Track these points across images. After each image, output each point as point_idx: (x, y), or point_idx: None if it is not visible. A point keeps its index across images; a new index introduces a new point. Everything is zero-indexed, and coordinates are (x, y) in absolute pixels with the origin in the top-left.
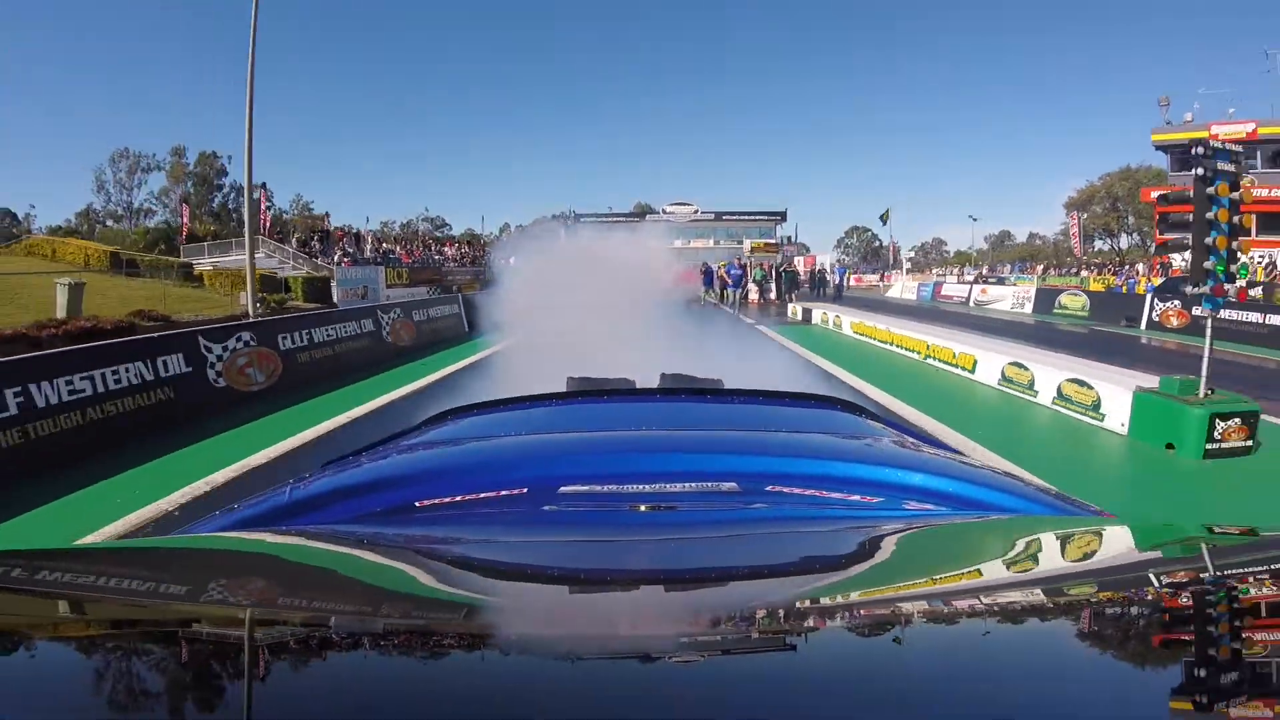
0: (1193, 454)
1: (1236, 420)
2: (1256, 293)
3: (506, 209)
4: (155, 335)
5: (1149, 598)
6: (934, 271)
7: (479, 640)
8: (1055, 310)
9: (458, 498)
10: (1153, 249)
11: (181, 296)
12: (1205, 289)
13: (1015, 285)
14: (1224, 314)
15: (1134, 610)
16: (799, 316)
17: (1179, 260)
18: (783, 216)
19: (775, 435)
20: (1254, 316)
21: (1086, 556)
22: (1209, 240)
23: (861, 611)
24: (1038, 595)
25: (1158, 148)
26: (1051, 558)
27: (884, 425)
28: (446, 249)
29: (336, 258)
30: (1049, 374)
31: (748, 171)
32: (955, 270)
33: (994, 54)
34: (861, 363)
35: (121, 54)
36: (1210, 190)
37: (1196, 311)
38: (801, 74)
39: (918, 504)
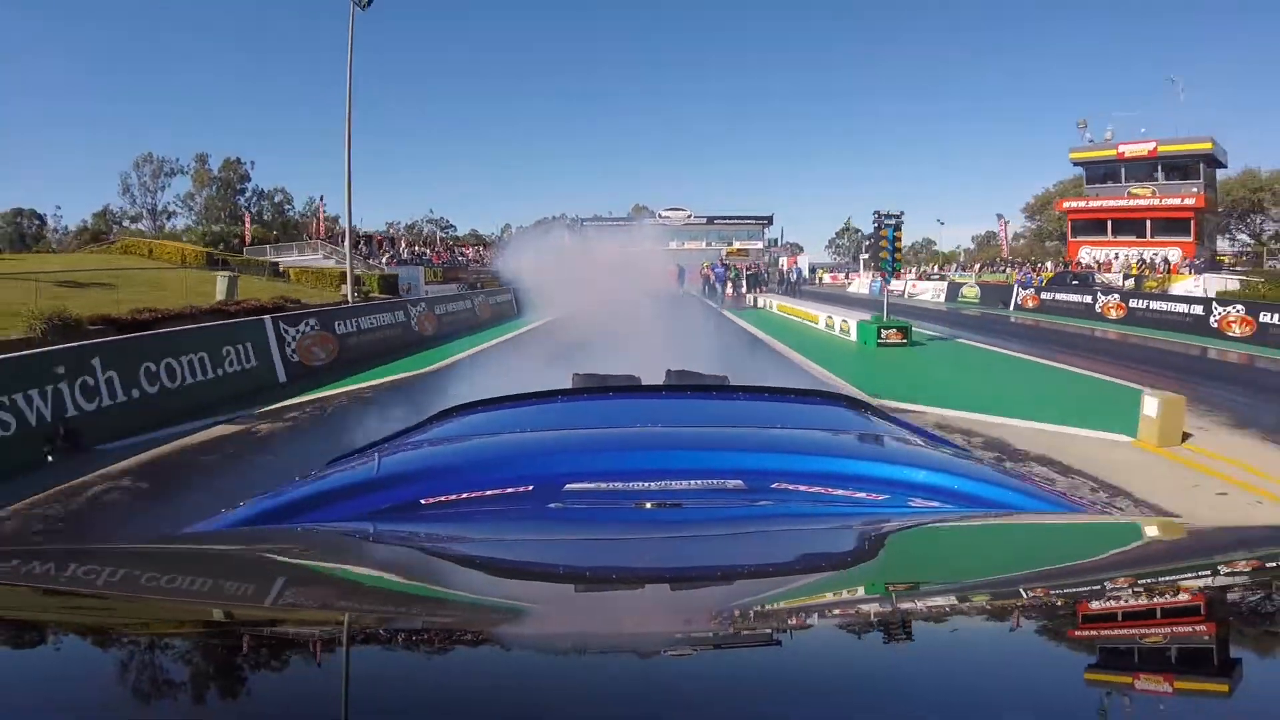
0: (872, 345)
1: (894, 330)
2: (1130, 283)
3: (506, 210)
4: (389, 300)
5: (1150, 594)
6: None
7: (485, 637)
8: (958, 298)
9: (463, 495)
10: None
11: (287, 290)
12: (881, 274)
13: (939, 281)
14: (1060, 296)
15: (1136, 607)
16: (752, 303)
17: (1085, 259)
18: (769, 220)
19: (780, 432)
20: (1074, 297)
21: (1089, 554)
22: (881, 254)
23: (866, 609)
24: (1043, 593)
25: (1075, 164)
26: (1055, 555)
27: (888, 422)
28: (467, 251)
29: (385, 259)
30: (838, 319)
31: (747, 172)
32: (911, 269)
33: (996, 57)
34: (766, 324)
35: (129, 58)
36: (885, 232)
37: (1045, 296)
38: (798, 77)
39: (922, 501)
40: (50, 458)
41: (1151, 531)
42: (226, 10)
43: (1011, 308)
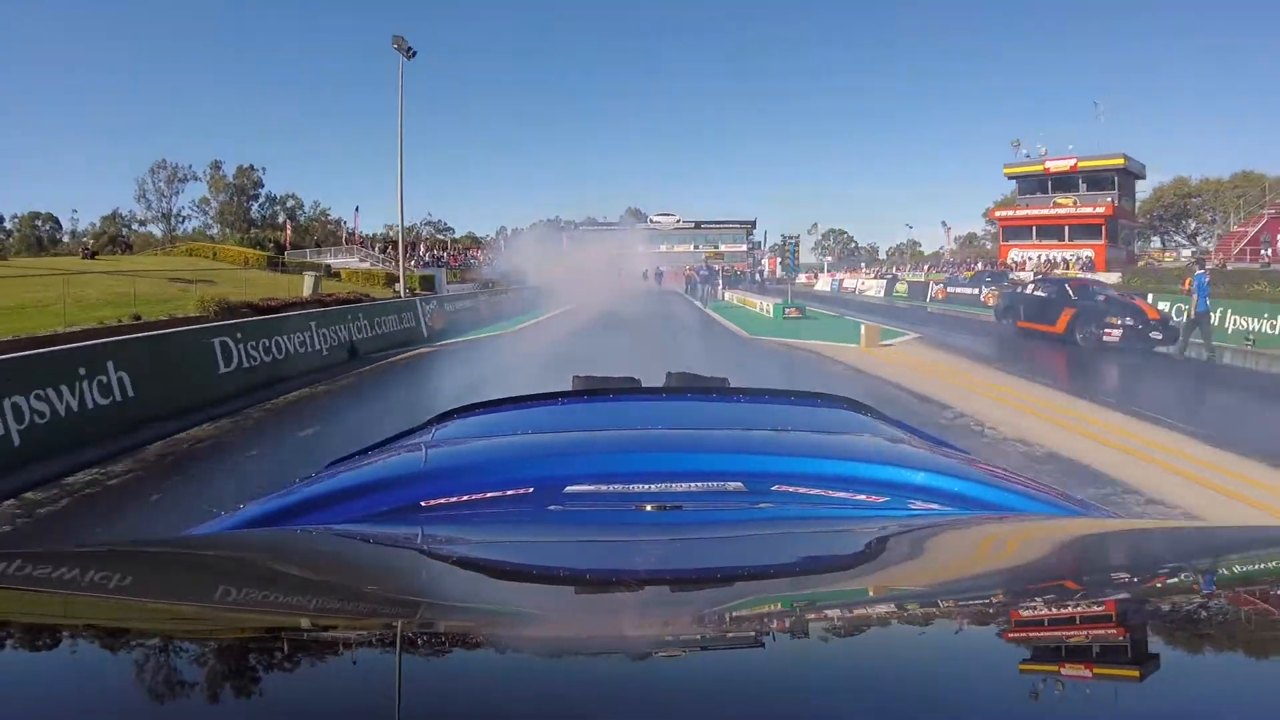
0: (779, 318)
1: (794, 309)
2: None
3: (502, 210)
4: (466, 293)
5: (1153, 597)
6: (863, 270)
7: (484, 641)
8: (893, 293)
9: (463, 497)
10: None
11: (347, 287)
12: (789, 272)
13: (884, 280)
14: (959, 289)
15: (1137, 609)
16: (721, 298)
17: (1015, 259)
18: (753, 224)
19: (781, 434)
20: (968, 289)
21: (1090, 556)
22: (788, 259)
23: (868, 612)
24: (1043, 595)
25: (1009, 178)
26: (1055, 558)
27: (889, 424)
28: (477, 254)
29: (412, 263)
30: (767, 304)
31: (738, 175)
32: (873, 270)
33: (997, 62)
34: (724, 311)
35: (131, 61)
36: (788, 248)
37: (953, 289)
38: (794, 80)
39: (923, 504)
40: (350, 359)
41: (1152, 533)
42: (228, 15)
43: (927, 299)
